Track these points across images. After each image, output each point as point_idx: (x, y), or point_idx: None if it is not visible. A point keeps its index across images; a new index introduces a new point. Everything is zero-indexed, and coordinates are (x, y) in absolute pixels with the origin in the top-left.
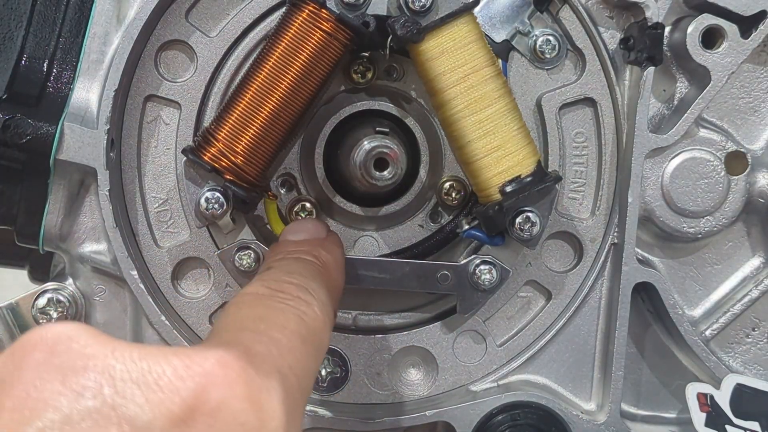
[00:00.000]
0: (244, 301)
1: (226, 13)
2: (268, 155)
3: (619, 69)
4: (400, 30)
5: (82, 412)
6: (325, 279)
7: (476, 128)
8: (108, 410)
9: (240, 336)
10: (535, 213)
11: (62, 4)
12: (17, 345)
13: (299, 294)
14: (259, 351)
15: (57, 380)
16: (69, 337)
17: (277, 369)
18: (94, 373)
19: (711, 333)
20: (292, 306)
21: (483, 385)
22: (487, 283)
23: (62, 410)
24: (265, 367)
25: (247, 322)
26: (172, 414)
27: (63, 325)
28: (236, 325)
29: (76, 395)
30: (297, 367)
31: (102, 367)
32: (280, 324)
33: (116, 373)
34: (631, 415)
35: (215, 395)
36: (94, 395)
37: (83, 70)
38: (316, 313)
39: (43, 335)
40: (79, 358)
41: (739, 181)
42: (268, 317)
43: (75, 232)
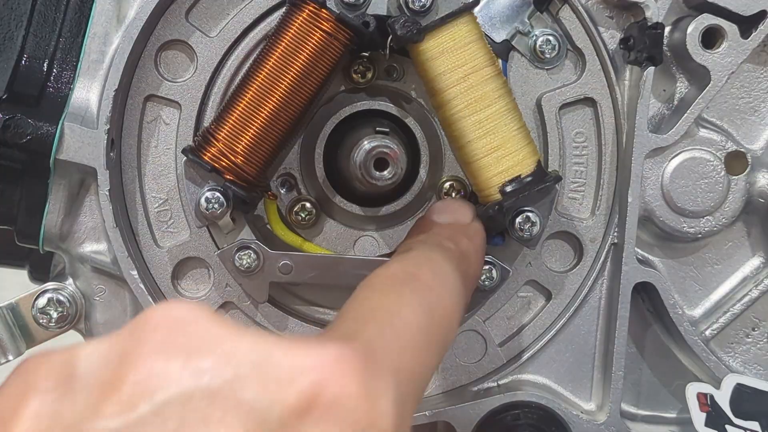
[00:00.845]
0: (377, 286)
1: (226, 13)
2: (268, 155)
3: (619, 69)
4: (400, 30)
5: (204, 392)
6: (463, 269)
7: (476, 128)
8: (228, 392)
9: (364, 328)
10: (535, 213)
11: (62, 4)
12: (139, 321)
13: (434, 285)
14: (381, 347)
15: (180, 359)
16: (191, 319)
17: (396, 368)
18: (215, 357)
19: (711, 333)
20: (425, 298)
21: (483, 385)
22: (487, 283)
23: (184, 387)
24: (383, 366)
25: (375, 312)
26: (289, 404)
27: (186, 306)
28: (363, 314)
29: (198, 374)
30: (417, 368)
31: (223, 352)
32: (409, 320)
33: (237, 358)
34: (631, 415)
35: (331, 390)
36: (213, 376)
37: (83, 70)
38: (447, 308)
39: (167, 314)
40: (201, 341)
41: (739, 181)
42: (396, 310)
43: (75, 232)
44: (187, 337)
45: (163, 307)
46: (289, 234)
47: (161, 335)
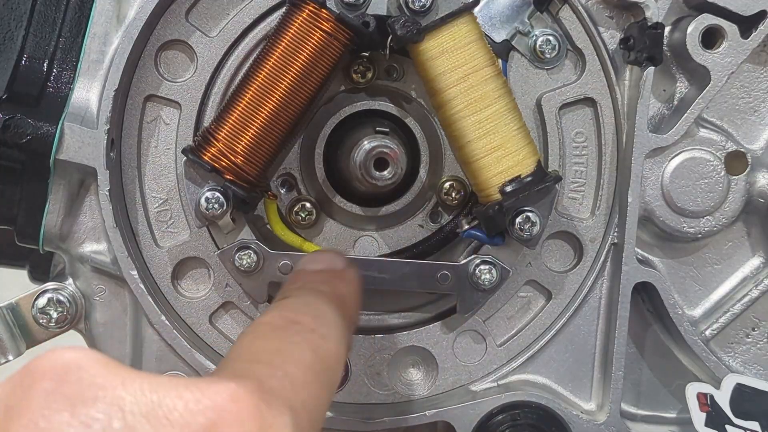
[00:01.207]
0: (259, 332)
1: (226, 13)
2: (268, 155)
3: (619, 69)
4: (400, 30)
5: None
6: (342, 312)
7: (476, 128)
8: None
9: (253, 368)
10: (535, 213)
11: (62, 4)
12: (25, 371)
13: (315, 326)
14: (273, 386)
15: (66, 411)
16: (79, 366)
17: (290, 405)
18: (104, 405)
19: (711, 333)
20: (308, 339)
21: (483, 385)
22: (487, 283)
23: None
24: (277, 404)
25: (262, 354)
26: None
27: (74, 352)
28: (250, 357)
29: (84, 427)
30: (310, 403)
31: (111, 399)
32: (295, 358)
33: (126, 405)
34: (631, 415)
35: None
36: (102, 428)
37: (83, 70)
38: (332, 348)
39: (53, 363)
40: (89, 389)
41: (739, 181)
42: (282, 350)
43: (75, 232)
44: (74, 386)
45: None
46: (289, 234)
47: (48, 385)
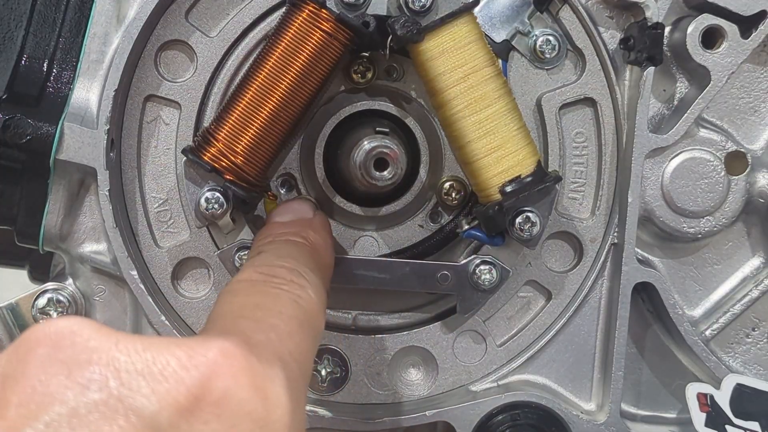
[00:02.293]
0: (239, 289)
1: (226, 13)
2: (268, 155)
3: (619, 69)
4: (400, 30)
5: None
6: (316, 259)
7: (476, 128)
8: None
9: (238, 324)
10: (535, 213)
11: (62, 4)
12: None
13: (292, 278)
14: (260, 339)
15: (62, 374)
16: (72, 331)
17: (279, 356)
18: (99, 366)
19: (711, 333)
20: (287, 290)
21: (483, 385)
22: (487, 283)
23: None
24: (266, 355)
25: (244, 310)
26: (179, 404)
27: (66, 320)
28: (234, 313)
29: (82, 388)
30: (297, 352)
31: (106, 360)
32: (277, 310)
33: (121, 365)
34: (631, 415)
35: (220, 385)
36: (100, 388)
37: (83, 70)
38: (311, 296)
39: (47, 330)
40: (83, 352)
41: (739, 181)
42: (264, 304)
43: (75, 232)
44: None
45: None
46: None
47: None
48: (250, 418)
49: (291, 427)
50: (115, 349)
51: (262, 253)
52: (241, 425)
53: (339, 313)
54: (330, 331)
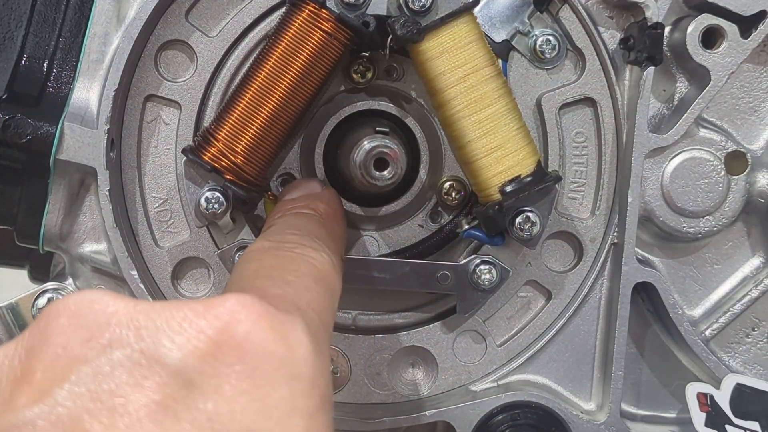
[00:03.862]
0: (252, 257)
1: (226, 13)
2: (268, 155)
3: (619, 69)
4: (400, 30)
5: (113, 362)
6: (327, 229)
7: (476, 128)
8: (138, 356)
9: (254, 283)
10: (535, 213)
11: (62, 4)
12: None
13: (304, 242)
14: (277, 293)
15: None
16: (91, 300)
17: (297, 306)
18: (119, 327)
19: (711, 333)
20: (300, 253)
21: (483, 385)
22: (487, 283)
23: (93, 363)
24: (284, 305)
25: (259, 270)
26: (201, 351)
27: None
28: (249, 276)
29: (104, 347)
30: (315, 303)
31: (126, 320)
32: (292, 268)
33: (140, 323)
34: (631, 415)
35: (240, 329)
36: (122, 345)
37: (83, 70)
38: (325, 258)
39: (66, 302)
40: (103, 316)
41: (739, 181)
42: (278, 265)
43: (75, 232)
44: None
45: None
46: None
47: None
48: (273, 358)
49: (315, 366)
50: (133, 310)
51: (273, 226)
52: (265, 365)
53: (339, 313)
54: None
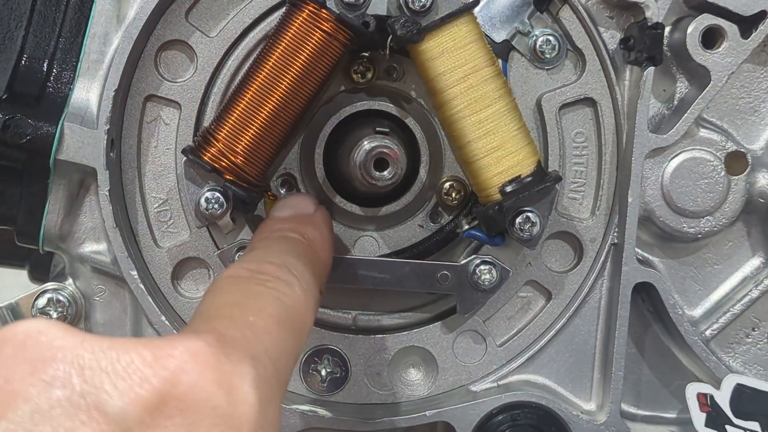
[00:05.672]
0: (221, 287)
1: (226, 13)
2: (268, 155)
3: (619, 69)
4: (400, 30)
5: (52, 402)
6: (310, 257)
7: (476, 128)
8: (77, 398)
9: (213, 323)
10: (535, 213)
11: (62, 4)
12: None
13: (279, 274)
14: (233, 336)
15: (27, 372)
16: (39, 331)
17: (251, 353)
18: (63, 363)
19: (711, 333)
20: (271, 288)
21: (483, 385)
22: (487, 283)
23: (32, 401)
24: (237, 353)
25: (223, 308)
26: (143, 400)
27: (33, 321)
28: (210, 313)
29: (45, 385)
30: (273, 350)
31: (71, 358)
32: (257, 307)
33: (85, 362)
34: (631, 415)
35: (185, 380)
36: (63, 384)
37: (83, 70)
38: (297, 294)
39: (13, 331)
40: (49, 350)
41: (739, 181)
42: (244, 302)
43: (75, 232)
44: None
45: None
46: None
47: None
48: (215, 413)
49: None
50: (80, 347)
51: (254, 249)
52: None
53: (339, 313)
54: (330, 331)
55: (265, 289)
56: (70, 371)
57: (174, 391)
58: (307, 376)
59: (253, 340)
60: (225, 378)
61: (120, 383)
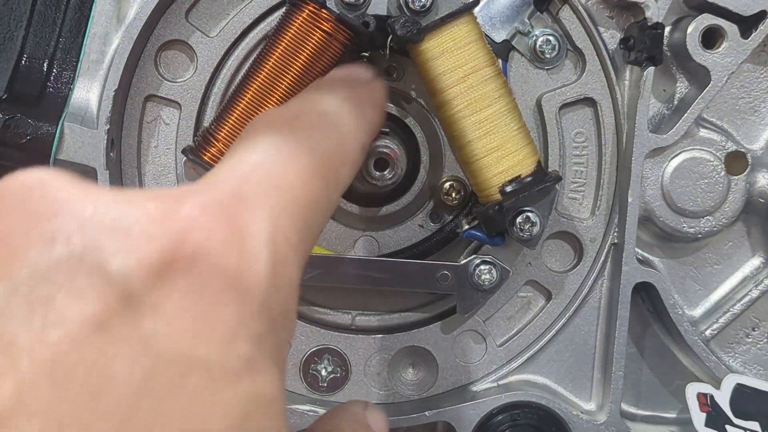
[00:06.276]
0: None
1: (226, 13)
2: None
3: (619, 69)
4: (400, 30)
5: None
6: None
7: (476, 128)
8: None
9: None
10: (535, 213)
11: (62, 4)
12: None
13: (317, 120)
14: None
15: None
16: (42, 183)
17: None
18: (64, 219)
19: (711, 333)
20: (305, 137)
21: (483, 385)
22: (487, 283)
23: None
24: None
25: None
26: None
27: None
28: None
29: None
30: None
31: (73, 212)
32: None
33: (87, 219)
34: (631, 415)
35: (192, 239)
36: (62, 243)
37: (83, 70)
38: (333, 144)
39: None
40: (51, 204)
41: (739, 181)
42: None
43: None
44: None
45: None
46: None
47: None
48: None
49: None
50: (83, 201)
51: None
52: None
53: (339, 313)
54: (330, 331)
55: (297, 136)
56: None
57: (180, 252)
58: (307, 376)
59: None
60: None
61: (123, 243)
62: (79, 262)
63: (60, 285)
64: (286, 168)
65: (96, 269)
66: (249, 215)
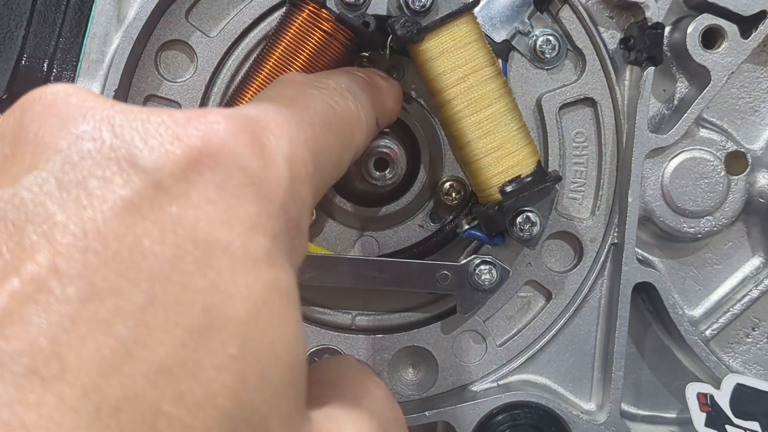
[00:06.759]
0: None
1: (226, 13)
2: None
3: (619, 69)
4: (400, 30)
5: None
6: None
7: (476, 128)
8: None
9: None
10: (535, 213)
11: (62, 4)
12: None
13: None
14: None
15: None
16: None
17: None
18: (93, 120)
19: (711, 333)
20: (325, 94)
21: (483, 385)
22: (487, 283)
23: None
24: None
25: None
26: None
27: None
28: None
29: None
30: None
31: (101, 116)
32: (306, 104)
33: (115, 120)
34: (631, 415)
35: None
36: (93, 138)
37: (83, 70)
38: (350, 107)
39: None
40: (79, 109)
41: (739, 181)
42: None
43: None
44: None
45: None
46: None
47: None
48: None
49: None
50: (110, 108)
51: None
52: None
53: (339, 313)
54: (330, 331)
55: (318, 92)
56: (100, 126)
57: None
58: None
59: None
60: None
61: (151, 140)
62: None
63: (92, 172)
64: (306, 112)
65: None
66: (271, 135)
